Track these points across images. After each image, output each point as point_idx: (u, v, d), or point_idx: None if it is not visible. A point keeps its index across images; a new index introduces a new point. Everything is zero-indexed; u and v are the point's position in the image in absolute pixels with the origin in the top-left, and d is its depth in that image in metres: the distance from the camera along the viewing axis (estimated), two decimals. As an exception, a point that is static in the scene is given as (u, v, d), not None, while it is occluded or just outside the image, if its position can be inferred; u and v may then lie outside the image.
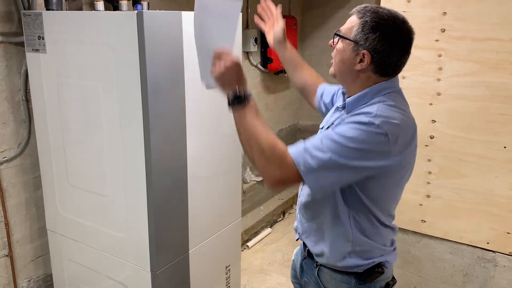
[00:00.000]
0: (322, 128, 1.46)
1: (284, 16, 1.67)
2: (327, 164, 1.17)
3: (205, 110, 1.90)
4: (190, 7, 1.63)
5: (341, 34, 1.28)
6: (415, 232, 2.38)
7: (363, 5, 1.28)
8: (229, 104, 1.29)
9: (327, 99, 1.63)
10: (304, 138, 1.23)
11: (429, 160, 2.20)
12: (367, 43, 1.21)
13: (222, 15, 1.40)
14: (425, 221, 2.32)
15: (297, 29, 3.90)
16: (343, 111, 1.34)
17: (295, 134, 4.51)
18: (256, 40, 3.48)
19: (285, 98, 4.21)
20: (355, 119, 1.20)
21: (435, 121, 2.10)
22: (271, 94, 3.98)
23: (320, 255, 1.42)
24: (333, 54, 1.33)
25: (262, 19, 1.72)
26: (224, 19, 1.40)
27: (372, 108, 1.21)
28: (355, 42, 1.23)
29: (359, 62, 1.24)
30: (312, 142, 1.21)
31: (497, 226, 2.14)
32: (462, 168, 2.15)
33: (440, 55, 2.02)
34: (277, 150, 1.20)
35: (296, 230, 1.55)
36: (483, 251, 2.22)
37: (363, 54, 1.22)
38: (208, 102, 1.91)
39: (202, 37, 1.44)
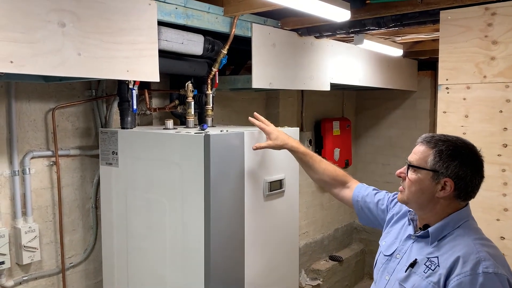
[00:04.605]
0: (391, 255, 1.38)
1: (338, 119, 1.71)
2: None
3: (261, 221, 1.94)
4: (249, 114, 1.77)
5: (414, 164, 1.29)
6: None
7: (429, 135, 1.30)
8: None
9: (380, 210, 1.59)
10: (361, 238, 1.18)
11: (501, 280, 2.05)
12: (449, 171, 1.23)
13: None
14: None
15: (351, 130, 3.98)
16: (422, 243, 1.31)
17: (351, 233, 4.39)
18: (310, 141, 3.57)
19: (339, 197, 4.18)
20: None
21: (504, 237, 1.99)
22: (326, 193, 3.97)
23: None
24: (405, 184, 1.32)
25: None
26: None
27: (471, 251, 1.19)
28: (434, 171, 1.25)
29: (441, 190, 1.25)
30: None
31: None
32: (539, 289, 1.98)
33: (504, 170, 1.96)
34: None
35: None
36: None
37: (445, 182, 1.24)
38: (264, 213, 1.96)
39: None
